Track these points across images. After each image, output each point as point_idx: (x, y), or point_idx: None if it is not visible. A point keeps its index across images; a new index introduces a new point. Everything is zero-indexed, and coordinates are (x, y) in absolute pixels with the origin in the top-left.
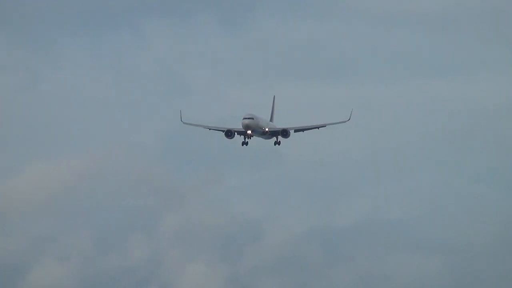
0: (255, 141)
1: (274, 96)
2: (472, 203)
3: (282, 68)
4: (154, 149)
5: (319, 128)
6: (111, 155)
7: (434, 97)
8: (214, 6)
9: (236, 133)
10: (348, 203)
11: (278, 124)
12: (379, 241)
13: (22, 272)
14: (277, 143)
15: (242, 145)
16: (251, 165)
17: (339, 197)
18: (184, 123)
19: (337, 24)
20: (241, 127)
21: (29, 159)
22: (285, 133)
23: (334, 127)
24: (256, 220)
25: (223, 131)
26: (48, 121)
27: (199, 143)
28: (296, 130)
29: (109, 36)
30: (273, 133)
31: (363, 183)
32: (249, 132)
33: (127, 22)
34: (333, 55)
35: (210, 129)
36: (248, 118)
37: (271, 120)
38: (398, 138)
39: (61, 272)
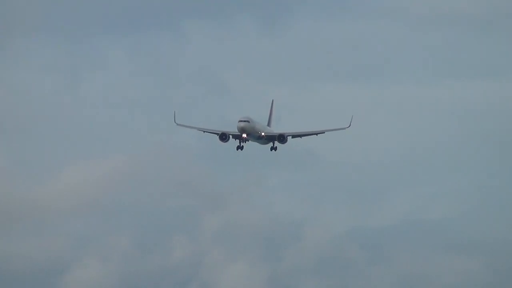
0: (251, 146)
1: (272, 100)
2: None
3: (319, 69)
4: (194, 149)
5: (318, 135)
6: (152, 156)
7: (470, 98)
8: (253, 7)
9: (231, 136)
10: (387, 204)
11: (319, 126)
12: (419, 241)
13: (65, 272)
14: (273, 148)
15: (237, 149)
16: (288, 167)
17: (377, 197)
18: (177, 124)
19: (374, 24)
20: (236, 130)
21: (71, 159)
22: (281, 138)
23: (367, 127)
24: (296, 221)
25: (217, 134)
26: (88, 121)
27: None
28: (294, 136)
29: (149, 37)
30: (270, 138)
31: (401, 184)
32: (244, 135)
33: (167, 23)
34: (370, 55)
35: (204, 132)
36: (244, 121)
37: (268, 124)
38: (433, 138)
39: (104, 273)
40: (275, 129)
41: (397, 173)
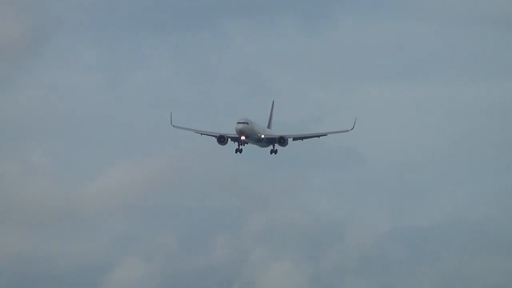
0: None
1: (273, 101)
2: None
3: (362, 68)
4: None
5: (320, 137)
6: (195, 155)
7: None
8: (295, 7)
9: (229, 139)
10: (429, 203)
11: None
12: (461, 241)
13: (109, 271)
14: (273, 151)
15: (236, 152)
16: (331, 166)
17: (419, 197)
18: (174, 126)
19: (417, 24)
20: (235, 132)
21: (114, 159)
22: (282, 141)
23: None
24: (338, 220)
25: (215, 136)
26: (131, 121)
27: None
28: (295, 139)
29: (191, 37)
30: (270, 141)
31: (442, 183)
32: (243, 138)
33: (209, 23)
34: (411, 55)
35: (201, 134)
36: (242, 123)
37: (268, 126)
38: (477, 138)
39: (148, 272)
40: (275, 131)
41: (441, 172)
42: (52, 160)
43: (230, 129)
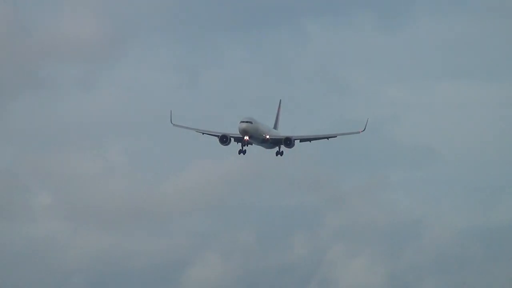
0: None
1: (280, 100)
2: None
3: (438, 66)
4: (311, 145)
5: (329, 139)
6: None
7: None
8: (372, 5)
9: (232, 139)
10: (504, 201)
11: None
12: None
13: (187, 270)
14: (279, 153)
15: (239, 153)
16: (406, 164)
17: (497, 195)
18: (174, 125)
19: (494, 21)
20: (238, 132)
21: (192, 157)
22: (288, 142)
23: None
24: (415, 218)
25: (217, 136)
26: (208, 119)
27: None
28: (302, 140)
29: (269, 35)
30: (275, 142)
31: None
32: (246, 138)
33: (287, 21)
34: (490, 53)
35: (203, 134)
36: (246, 122)
37: (275, 127)
38: None
39: (226, 270)
40: (282, 132)
41: None
42: (131, 158)
43: (308, 129)
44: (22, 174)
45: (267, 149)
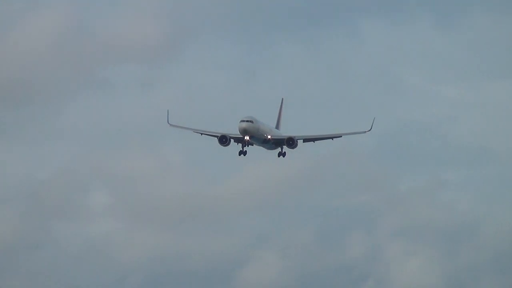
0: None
1: (282, 99)
2: None
3: (496, 66)
4: (370, 146)
5: (333, 139)
6: (328, 153)
7: None
8: (429, 3)
9: (232, 139)
10: None
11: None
12: None
13: (245, 269)
14: (281, 154)
15: (239, 154)
16: (462, 163)
17: None
18: (170, 125)
19: None
20: (238, 132)
21: (247, 157)
22: (291, 142)
23: None
24: (471, 218)
25: (216, 136)
26: (265, 119)
27: (414, 138)
28: (305, 140)
29: (325, 35)
30: (277, 142)
31: None
32: (247, 138)
33: (342, 20)
34: None
35: (202, 134)
36: (246, 121)
37: (277, 126)
38: None
39: (284, 269)
40: (284, 132)
41: None
42: (189, 158)
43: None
44: (81, 174)
45: (269, 150)
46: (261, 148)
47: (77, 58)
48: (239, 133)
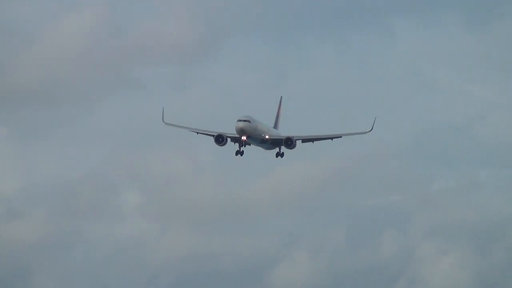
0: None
1: (281, 97)
2: None
3: None
4: (399, 145)
5: (333, 139)
6: (355, 153)
7: None
8: (459, 4)
9: (229, 139)
10: None
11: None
12: None
13: (274, 269)
14: (279, 154)
15: (236, 154)
16: (492, 163)
17: None
18: (166, 123)
19: None
20: (235, 131)
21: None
22: (289, 142)
23: None
24: (503, 217)
25: (212, 135)
26: (295, 119)
27: (442, 137)
28: (304, 140)
29: (356, 35)
30: (275, 142)
31: None
32: (244, 138)
33: (374, 20)
34: None
35: (198, 133)
36: (243, 121)
37: (275, 126)
38: None
39: (314, 270)
40: (283, 132)
41: None
42: (220, 158)
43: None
44: (113, 174)
45: (267, 150)
46: (258, 148)
47: (110, 59)
48: (236, 132)
